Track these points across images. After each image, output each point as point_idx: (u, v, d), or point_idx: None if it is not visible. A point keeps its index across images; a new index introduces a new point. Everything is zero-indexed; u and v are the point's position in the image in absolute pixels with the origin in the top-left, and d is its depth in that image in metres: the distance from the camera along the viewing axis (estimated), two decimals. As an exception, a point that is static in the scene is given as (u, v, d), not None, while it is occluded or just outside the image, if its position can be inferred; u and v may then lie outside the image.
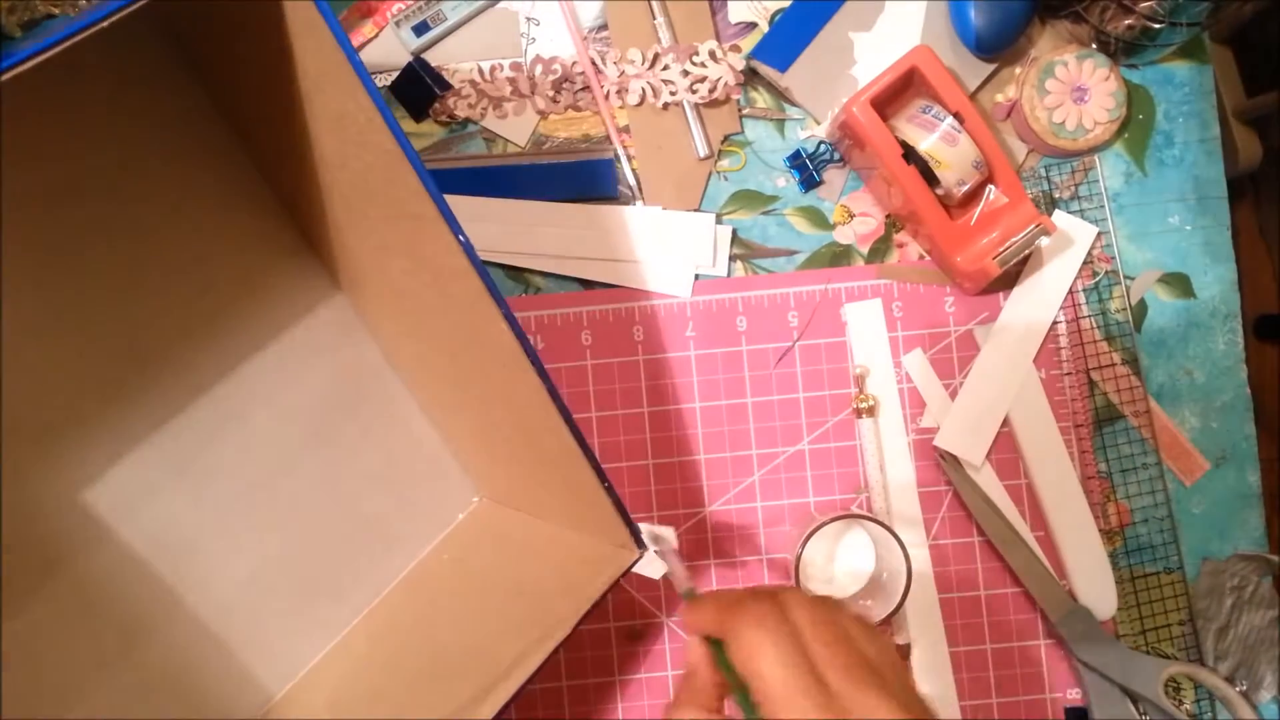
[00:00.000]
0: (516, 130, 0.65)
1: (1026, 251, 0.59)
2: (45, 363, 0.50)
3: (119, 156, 0.51)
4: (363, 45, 0.64)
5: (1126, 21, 0.61)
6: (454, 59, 0.65)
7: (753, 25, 0.65)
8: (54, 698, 0.50)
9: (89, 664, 0.51)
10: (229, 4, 0.41)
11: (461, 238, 0.40)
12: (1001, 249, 0.59)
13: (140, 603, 0.53)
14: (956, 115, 0.59)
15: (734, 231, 0.64)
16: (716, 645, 0.38)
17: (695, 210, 0.64)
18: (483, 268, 0.41)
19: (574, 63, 0.64)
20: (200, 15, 0.45)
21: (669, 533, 0.49)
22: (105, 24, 0.30)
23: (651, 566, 0.48)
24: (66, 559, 0.51)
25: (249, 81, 0.47)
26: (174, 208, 0.53)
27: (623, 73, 0.63)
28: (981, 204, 0.61)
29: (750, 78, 0.65)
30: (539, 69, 0.64)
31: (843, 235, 0.65)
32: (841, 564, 0.60)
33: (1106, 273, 0.65)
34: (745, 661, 0.35)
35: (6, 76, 0.28)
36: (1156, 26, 0.60)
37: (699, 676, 0.38)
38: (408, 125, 0.65)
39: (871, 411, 0.63)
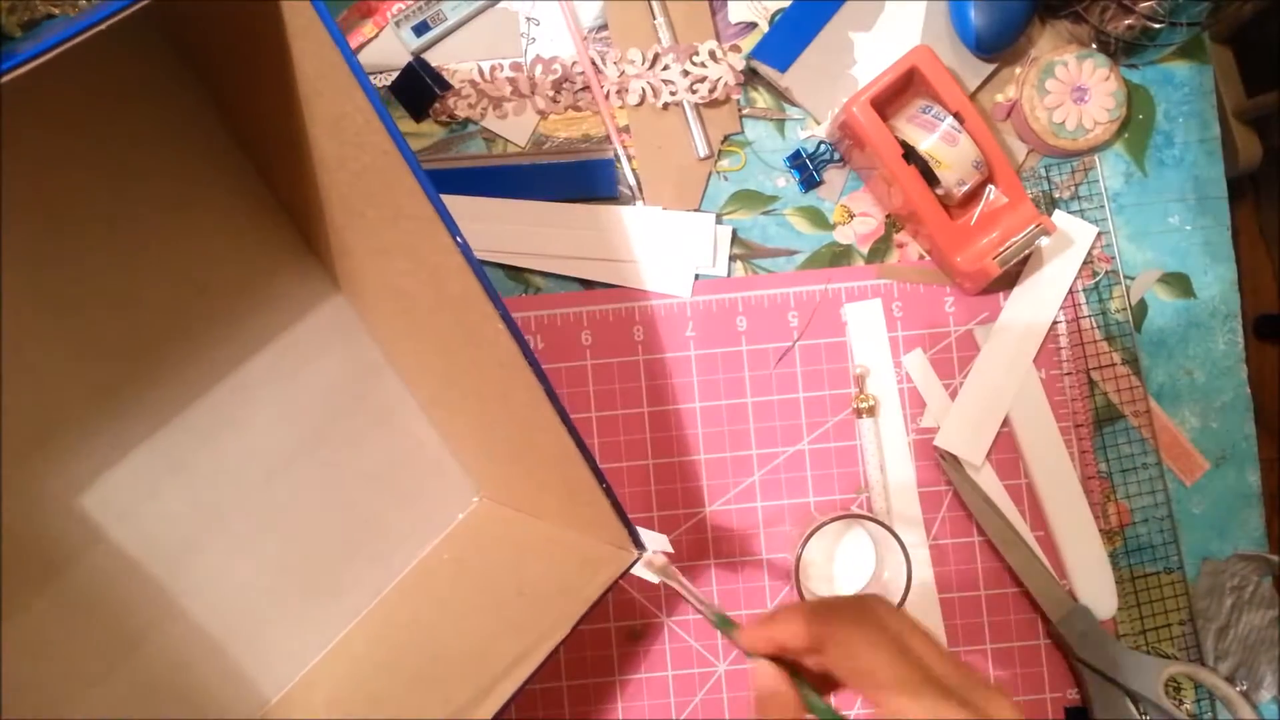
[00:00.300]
0: (516, 130, 0.65)
1: (1026, 251, 0.59)
2: (44, 365, 0.50)
3: (118, 157, 0.51)
4: (362, 45, 0.64)
5: (1126, 21, 0.61)
6: (454, 59, 0.65)
7: (753, 25, 0.65)
8: (53, 701, 0.50)
9: (88, 667, 0.51)
10: (227, 5, 0.41)
11: (459, 239, 0.40)
12: (1001, 249, 0.59)
13: (138, 605, 0.53)
14: (956, 115, 0.59)
15: (734, 231, 0.64)
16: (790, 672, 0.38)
17: (695, 210, 0.64)
18: (480, 268, 0.41)
19: (574, 63, 0.64)
20: (199, 16, 0.45)
21: (662, 540, 0.48)
22: (104, 26, 0.30)
23: (650, 571, 0.48)
24: (64, 562, 0.51)
25: (248, 83, 0.47)
26: (173, 208, 0.53)
27: (623, 73, 0.63)
28: (981, 204, 0.61)
29: (750, 78, 0.65)
30: (539, 69, 0.64)
31: (843, 235, 0.65)
32: (841, 564, 0.60)
33: (1106, 273, 0.65)
34: (851, 662, 0.36)
35: (7, 79, 0.28)
36: (1156, 26, 0.60)
37: (780, 697, 0.38)
38: (408, 125, 0.65)
39: (871, 411, 0.63)
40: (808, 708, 0.38)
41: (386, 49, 0.64)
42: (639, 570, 0.48)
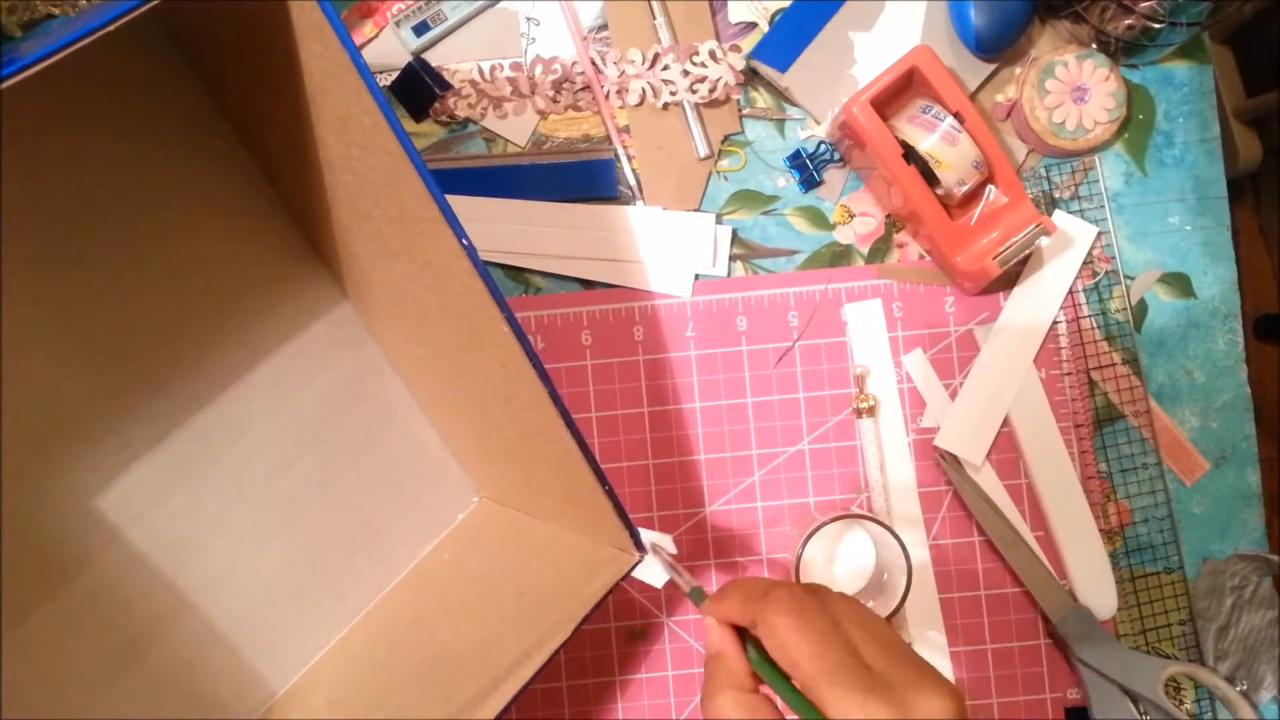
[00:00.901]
0: (516, 130, 0.65)
1: (1026, 251, 0.59)
2: (51, 370, 0.50)
3: (121, 159, 0.51)
4: (363, 45, 0.64)
5: (1126, 21, 0.61)
6: (454, 59, 0.65)
7: (753, 25, 0.65)
8: (63, 700, 0.50)
9: (97, 667, 0.51)
10: (233, 6, 0.41)
11: (464, 241, 0.40)
12: (1001, 249, 0.59)
13: (146, 606, 0.53)
14: (956, 115, 0.59)
15: (734, 231, 0.64)
16: (744, 637, 0.38)
17: (695, 210, 0.64)
18: (484, 269, 0.41)
19: (574, 63, 0.64)
20: (204, 17, 0.45)
21: (666, 540, 0.49)
22: (110, 29, 0.30)
23: (652, 573, 0.48)
24: (75, 565, 0.51)
25: (252, 83, 0.47)
26: (179, 212, 0.53)
27: (623, 73, 0.63)
28: (981, 204, 0.61)
29: (750, 78, 0.65)
30: (539, 69, 0.64)
31: (843, 235, 0.65)
32: (841, 564, 0.61)
33: (1106, 273, 0.65)
34: (781, 648, 0.35)
35: (9, 84, 0.28)
36: (1156, 26, 0.60)
37: (728, 658, 0.38)
38: (408, 125, 0.65)
39: (871, 411, 0.63)
40: (754, 669, 0.38)
41: (386, 49, 0.64)
42: (640, 573, 0.48)
